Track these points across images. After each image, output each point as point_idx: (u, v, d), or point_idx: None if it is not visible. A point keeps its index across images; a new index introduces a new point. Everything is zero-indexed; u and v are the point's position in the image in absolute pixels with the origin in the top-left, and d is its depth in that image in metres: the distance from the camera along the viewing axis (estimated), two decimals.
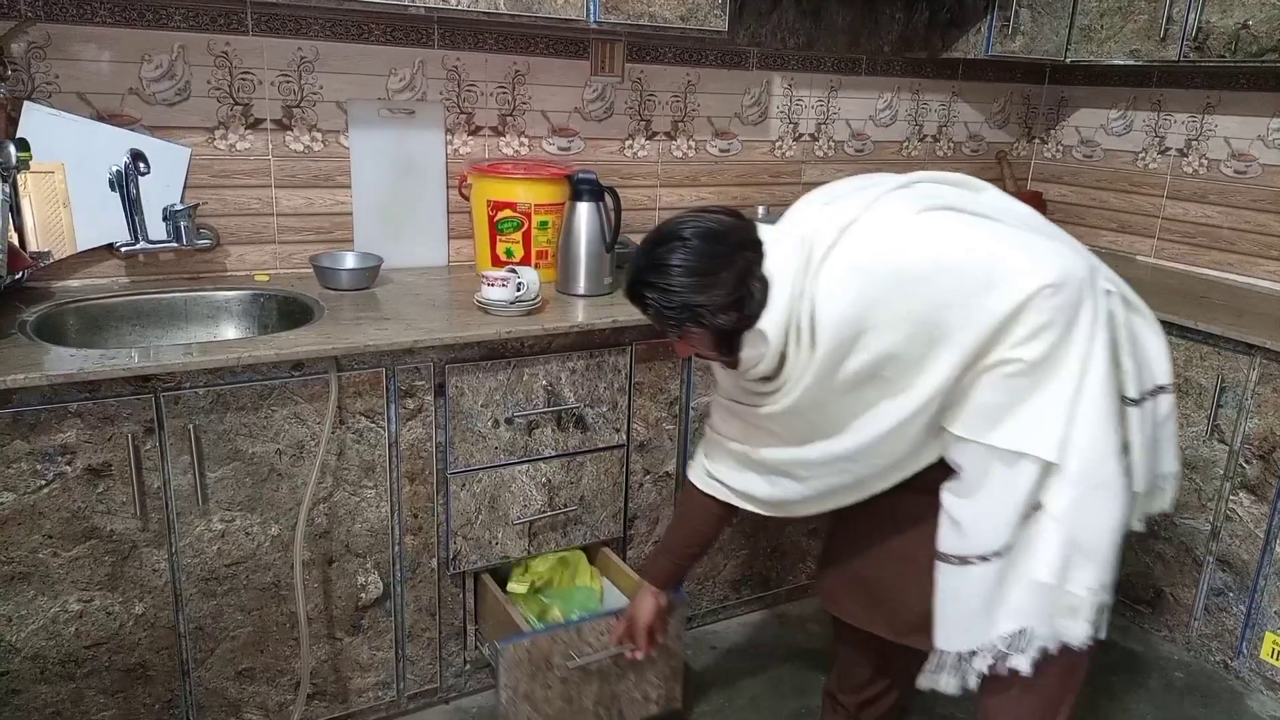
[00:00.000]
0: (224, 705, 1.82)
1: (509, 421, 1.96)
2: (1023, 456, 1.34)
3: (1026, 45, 2.73)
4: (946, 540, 1.42)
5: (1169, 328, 1.99)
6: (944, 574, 1.43)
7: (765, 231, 1.43)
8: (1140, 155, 3.02)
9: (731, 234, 1.40)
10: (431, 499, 1.92)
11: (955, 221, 1.39)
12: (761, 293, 1.36)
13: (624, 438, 2.12)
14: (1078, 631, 1.39)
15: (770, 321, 1.36)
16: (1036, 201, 3.16)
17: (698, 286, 1.36)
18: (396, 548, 1.92)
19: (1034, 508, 1.37)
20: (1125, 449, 1.39)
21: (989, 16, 2.67)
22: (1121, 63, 2.72)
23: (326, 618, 1.88)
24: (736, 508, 1.65)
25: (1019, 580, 1.39)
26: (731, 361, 1.45)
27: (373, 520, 1.87)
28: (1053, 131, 3.29)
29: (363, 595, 1.90)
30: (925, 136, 3.12)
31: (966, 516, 1.40)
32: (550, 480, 2.01)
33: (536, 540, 2.05)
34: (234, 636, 1.79)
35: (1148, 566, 2.48)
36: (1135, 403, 1.41)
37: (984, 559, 1.38)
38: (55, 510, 1.58)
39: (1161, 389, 1.47)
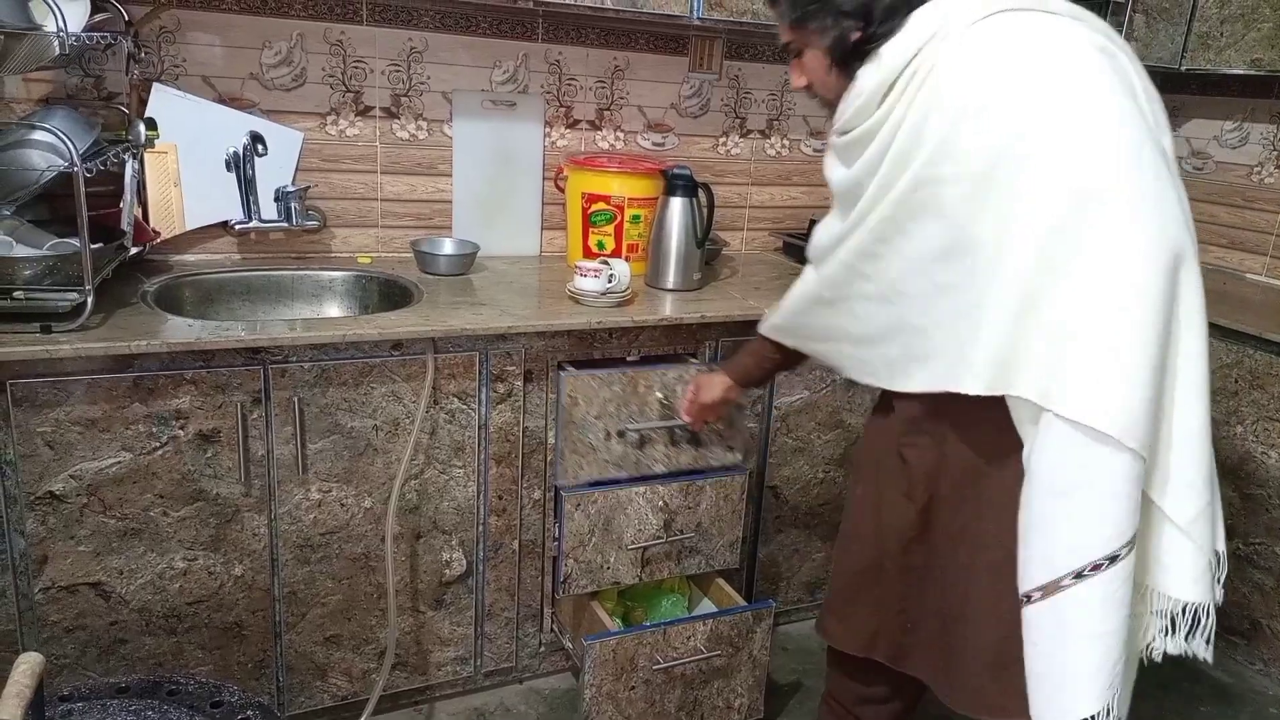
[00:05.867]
0: (311, 669, 1.89)
1: (620, 434, 1.94)
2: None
3: (1140, 52, 2.61)
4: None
5: None
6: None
7: None
8: (1256, 169, 2.89)
9: None
10: (516, 482, 1.96)
11: (1125, 103, 1.19)
12: (895, 17, 1.22)
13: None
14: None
15: (893, 47, 1.21)
16: None
17: None
18: (481, 527, 1.96)
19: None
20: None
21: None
22: (1241, 72, 2.61)
23: (411, 591, 1.94)
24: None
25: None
26: (835, 95, 1.32)
27: (460, 499, 1.92)
28: None
29: (447, 571, 1.95)
30: None
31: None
32: (667, 504, 1.97)
33: (650, 568, 2.00)
34: (324, 603, 1.86)
35: (1245, 597, 2.38)
36: None
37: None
38: (167, 471, 1.66)
39: None
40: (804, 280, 1.48)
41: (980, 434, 1.27)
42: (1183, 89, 3.08)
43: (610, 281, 1.99)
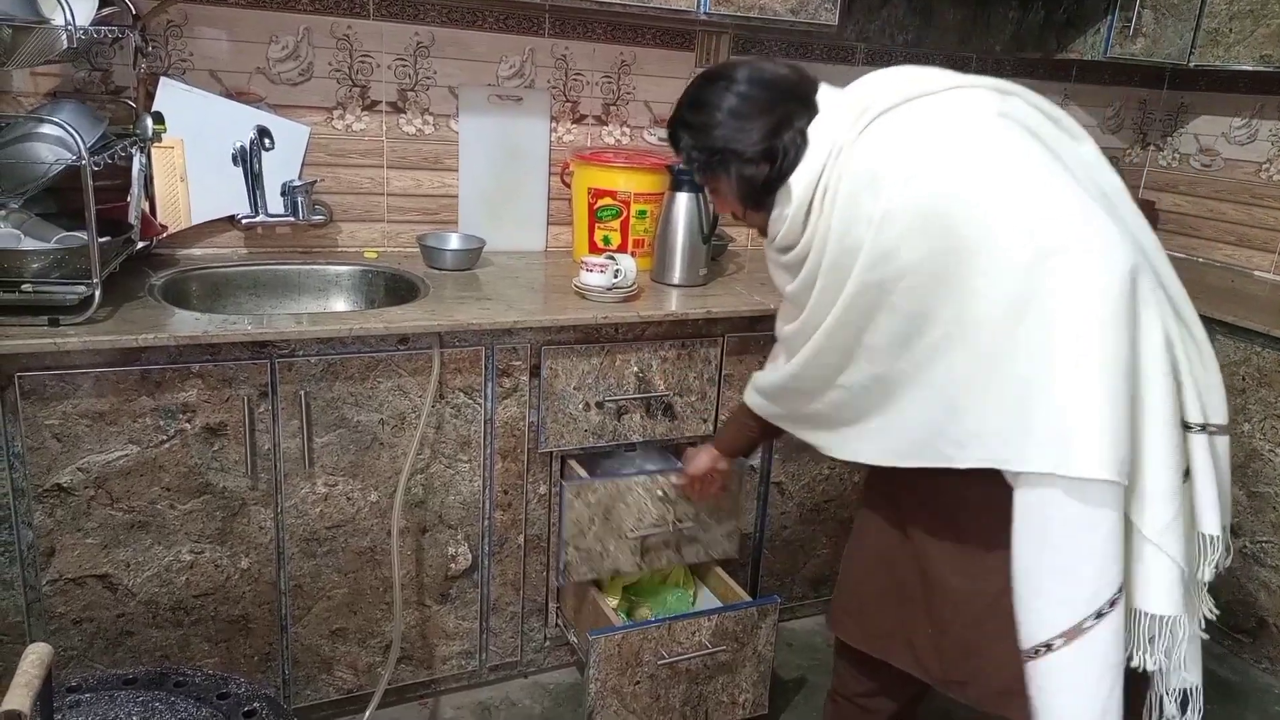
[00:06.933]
0: (317, 662, 1.90)
1: (599, 405, 1.99)
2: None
3: (1148, 48, 2.63)
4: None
5: None
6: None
7: (827, 94, 1.32)
8: (1265, 166, 2.88)
9: (783, 84, 1.31)
10: (522, 476, 1.97)
11: (1032, 147, 1.22)
12: (798, 149, 1.27)
13: (711, 429, 2.13)
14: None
15: (799, 176, 1.27)
16: (1149, 211, 3.03)
17: (733, 131, 1.29)
18: (486, 522, 1.97)
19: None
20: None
21: (1109, 17, 2.58)
22: (1250, 68, 2.60)
23: (417, 585, 1.94)
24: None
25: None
26: (760, 224, 1.38)
27: (465, 494, 1.93)
28: (1169, 139, 3.16)
29: (452, 566, 1.96)
30: None
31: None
32: (667, 493, 1.96)
33: (649, 556, 2.00)
34: (330, 596, 1.87)
35: (1251, 595, 2.37)
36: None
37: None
38: (174, 465, 1.67)
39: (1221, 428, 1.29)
40: (775, 366, 1.52)
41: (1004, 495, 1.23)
42: (1191, 85, 3.07)
43: (616, 277, 1.99)
